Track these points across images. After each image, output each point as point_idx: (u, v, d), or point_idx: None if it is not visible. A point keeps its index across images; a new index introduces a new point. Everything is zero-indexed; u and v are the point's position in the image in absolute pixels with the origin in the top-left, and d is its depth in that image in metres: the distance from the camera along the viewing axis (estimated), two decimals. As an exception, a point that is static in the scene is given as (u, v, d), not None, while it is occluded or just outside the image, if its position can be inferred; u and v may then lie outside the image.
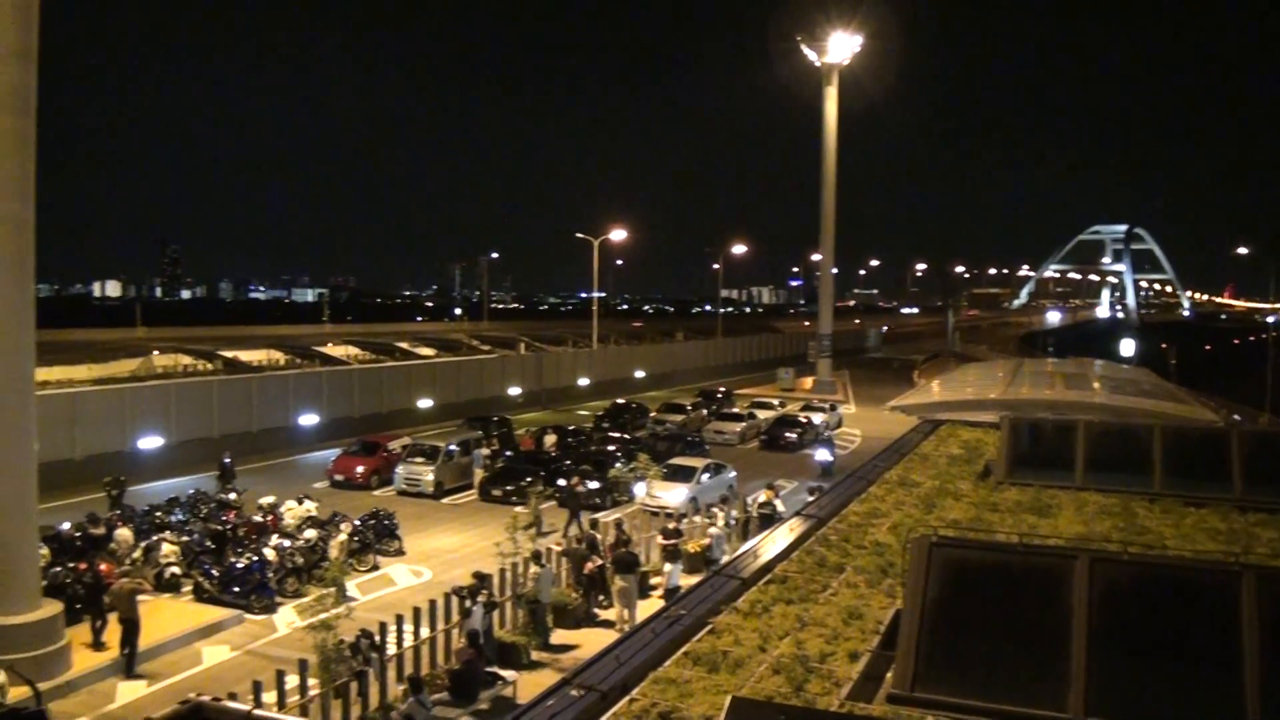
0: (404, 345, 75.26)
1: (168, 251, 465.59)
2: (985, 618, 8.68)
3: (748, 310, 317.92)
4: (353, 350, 75.03)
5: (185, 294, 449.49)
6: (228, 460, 32.84)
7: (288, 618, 22.47)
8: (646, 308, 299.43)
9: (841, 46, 70.54)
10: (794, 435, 47.39)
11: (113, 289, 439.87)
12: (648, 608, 21.97)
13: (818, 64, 71.17)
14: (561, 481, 33.44)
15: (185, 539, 25.14)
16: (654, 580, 24.59)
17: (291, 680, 16.16)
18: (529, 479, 33.31)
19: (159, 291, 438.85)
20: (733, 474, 35.49)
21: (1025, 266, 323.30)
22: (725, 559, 19.56)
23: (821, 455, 39.45)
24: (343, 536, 25.04)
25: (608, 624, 22.48)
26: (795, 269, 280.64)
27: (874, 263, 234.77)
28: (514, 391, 58.06)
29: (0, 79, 18.63)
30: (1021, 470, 17.29)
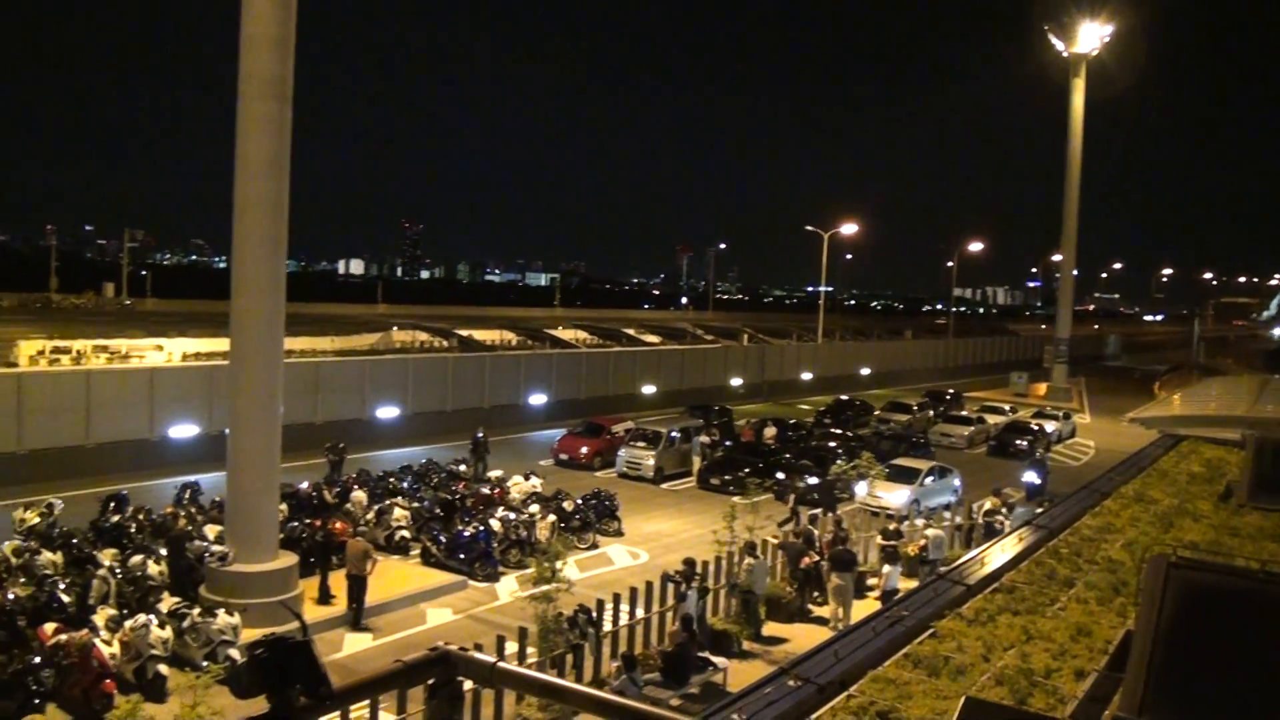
0: (630, 331, 76.33)
1: (409, 233, 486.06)
2: (1223, 648, 8.06)
3: (981, 311, 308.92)
4: (581, 334, 76.59)
5: (424, 274, 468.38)
6: (480, 435, 33.63)
7: (509, 587, 23.12)
8: (874, 304, 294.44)
9: (1090, 36, 67.43)
10: (1025, 442, 45.54)
11: (356, 267, 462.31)
12: (862, 608, 21.59)
13: (1065, 54, 68.28)
14: (780, 475, 33.19)
15: (416, 505, 26.21)
16: (870, 581, 24.11)
17: (510, 647, 16.57)
18: (747, 470, 33.19)
19: (399, 271, 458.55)
20: (958, 479, 34.47)
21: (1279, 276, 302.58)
22: (942, 564, 19.04)
23: (1029, 477, 34.67)
24: (551, 517, 25.41)
25: (821, 621, 22.17)
26: (1034, 269, 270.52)
27: (1116, 266, 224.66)
28: (736, 382, 58.08)
29: (260, 66, 19.63)
30: (1266, 494, 16.13)
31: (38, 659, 15.83)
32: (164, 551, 20.95)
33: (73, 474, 29.22)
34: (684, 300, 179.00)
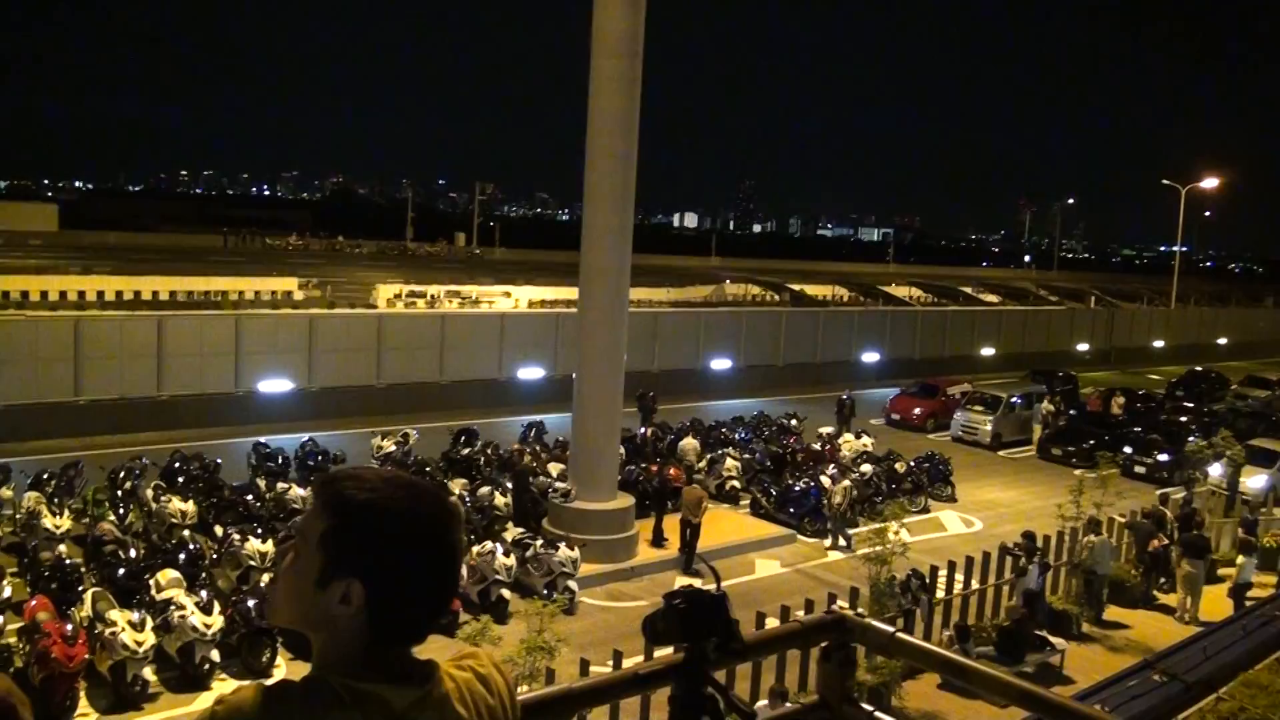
0: (967, 290, 74.04)
1: (743, 187, 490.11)
2: None
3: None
4: (915, 291, 74.99)
5: (756, 228, 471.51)
6: (847, 397, 33.31)
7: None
8: (1232, 266, 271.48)
9: None
10: None
11: (690, 220, 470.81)
12: (1211, 600, 20.10)
13: None
14: (1128, 449, 31.30)
15: (747, 456, 26.43)
16: (1221, 571, 22.28)
17: (840, 605, 16.44)
18: (1092, 442, 31.50)
19: (731, 225, 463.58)
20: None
21: None
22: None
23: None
24: (846, 482, 24.42)
25: (1166, 609, 20.69)
26: None
27: None
28: (1081, 347, 55.15)
29: (611, 25, 19.99)
30: None
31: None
32: (509, 485, 22.11)
33: (426, 408, 31.20)
34: (1026, 258, 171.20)
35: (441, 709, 1.82)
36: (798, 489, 24.03)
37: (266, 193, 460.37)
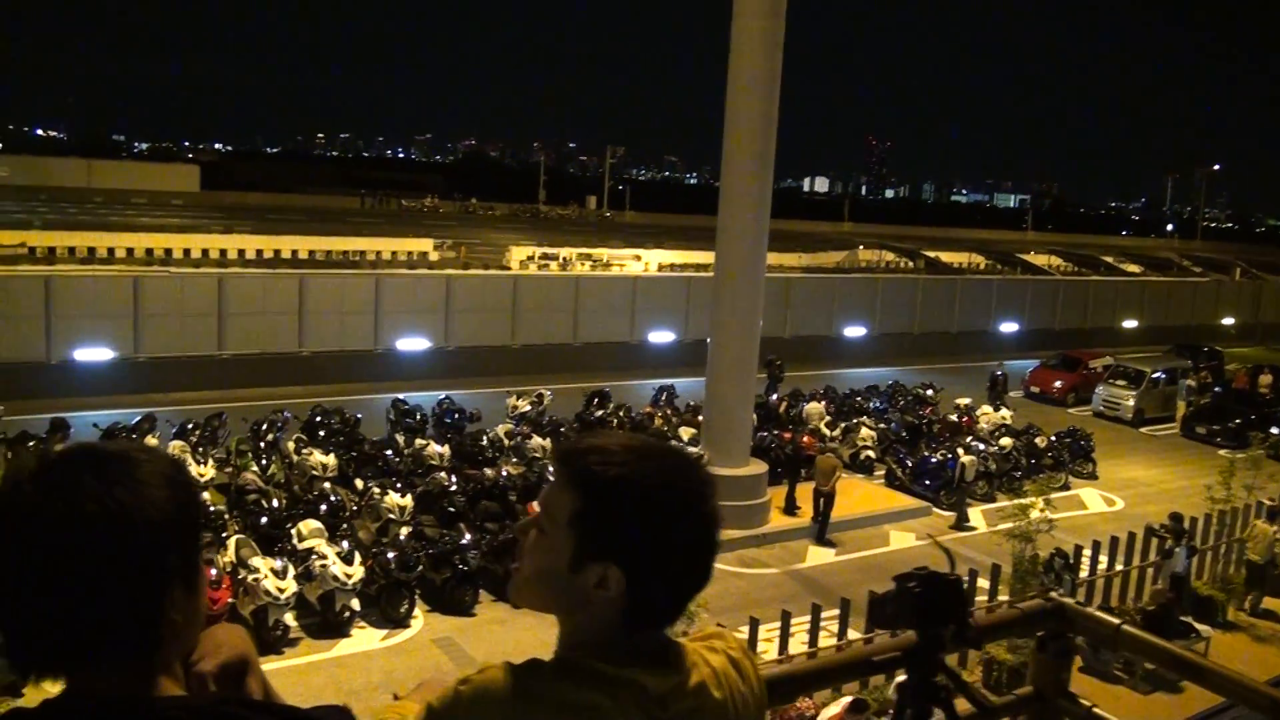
0: (1108, 259, 71.69)
1: (875, 151, 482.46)
2: None
3: None
4: (1055, 260, 72.84)
5: (889, 193, 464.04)
6: (1000, 373, 32.47)
7: (974, 519, 22.50)
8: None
9: None
10: None
11: (821, 185, 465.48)
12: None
13: None
14: (1275, 429, 30.02)
15: (882, 426, 26.02)
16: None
17: (981, 583, 16.10)
18: (1239, 421, 30.31)
19: (863, 189, 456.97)
20: None
21: None
22: None
23: None
24: (971, 456, 23.68)
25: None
26: None
27: None
28: (1227, 321, 53.02)
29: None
30: None
31: (528, 532, 17.17)
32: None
33: (559, 369, 31.49)
34: (1169, 227, 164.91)
35: (699, 696, 1.72)
36: (934, 460, 23.59)
37: (401, 156, 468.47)
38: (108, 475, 1.46)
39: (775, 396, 28.25)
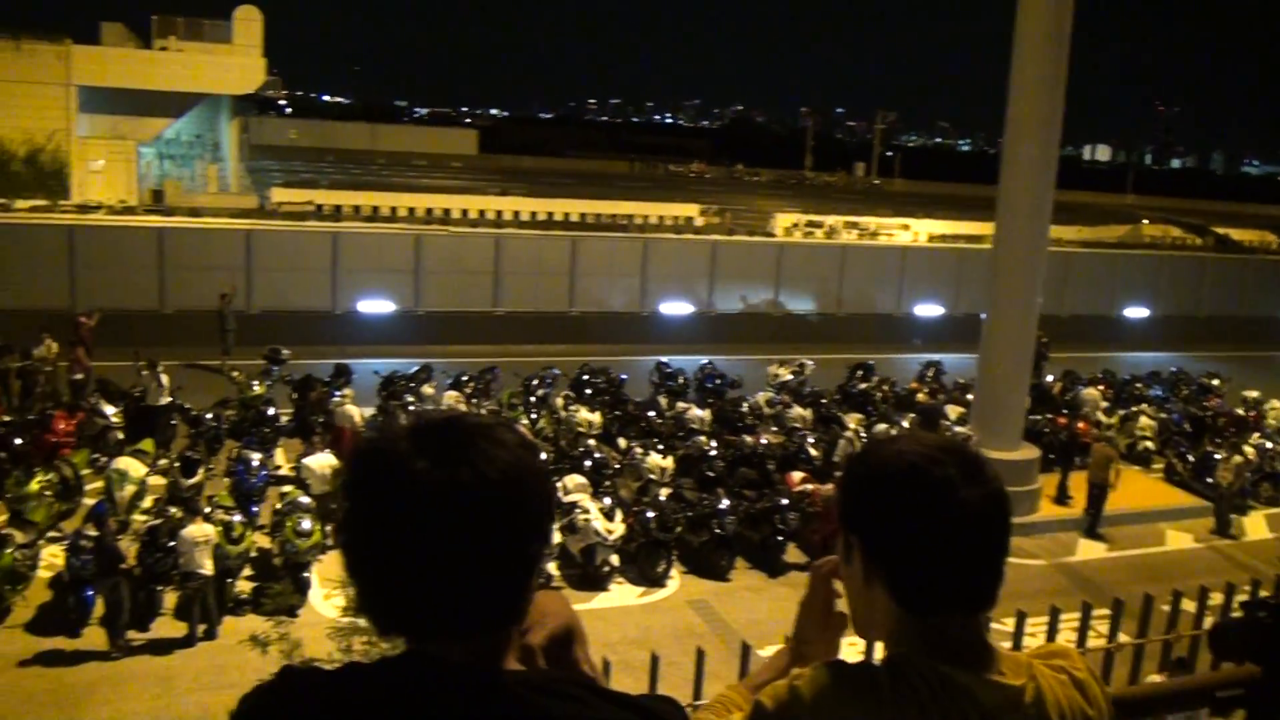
0: None
1: (1161, 118, 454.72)
2: None
3: None
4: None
5: (1175, 163, 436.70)
6: None
7: (1256, 524, 20.90)
8: None
9: None
10: None
11: (1102, 154, 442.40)
12: None
13: None
14: None
15: (1163, 416, 24.57)
16: None
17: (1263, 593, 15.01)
18: None
19: (1148, 159, 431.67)
20: None
21: None
22: None
23: None
24: (1238, 457, 21.71)
25: None
26: None
27: None
28: None
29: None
30: None
31: (785, 501, 17.17)
32: (905, 424, 21.62)
33: (822, 339, 31.24)
34: None
35: (1034, 714, 1.64)
36: (1218, 457, 22.08)
37: (669, 121, 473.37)
38: (493, 440, 1.49)
39: (1050, 378, 27.11)
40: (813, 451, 19.99)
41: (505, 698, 1.46)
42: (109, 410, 19.65)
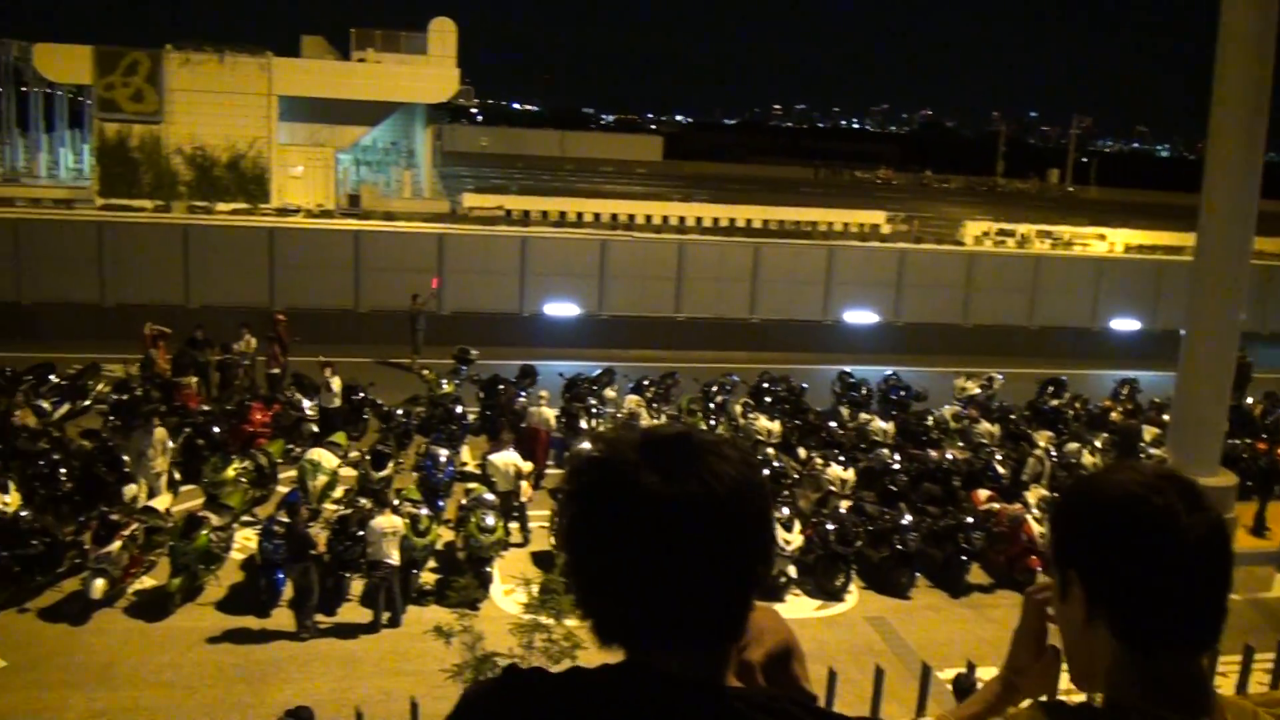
0: None
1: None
2: None
3: None
4: None
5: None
6: None
7: None
8: None
9: None
10: None
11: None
12: None
13: None
14: None
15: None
16: None
17: None
18: None
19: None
20: None
21: None
22: None
23: None
24: None
25: None
26: None
27: None
28: None
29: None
30: None
31: (970, 519, 16.74)
32: (1098, 444, 20.85)
33: (1012, 352, 30.38)
34: None
35: None
36: None
37: (856, 126, 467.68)
38: (721, 457, 1.50)
39: (1250, 400, 25.76)
40: (1000, 469, 19.43)
41: (727, 714, 1.47)
42: (305, 404, 20.57)
